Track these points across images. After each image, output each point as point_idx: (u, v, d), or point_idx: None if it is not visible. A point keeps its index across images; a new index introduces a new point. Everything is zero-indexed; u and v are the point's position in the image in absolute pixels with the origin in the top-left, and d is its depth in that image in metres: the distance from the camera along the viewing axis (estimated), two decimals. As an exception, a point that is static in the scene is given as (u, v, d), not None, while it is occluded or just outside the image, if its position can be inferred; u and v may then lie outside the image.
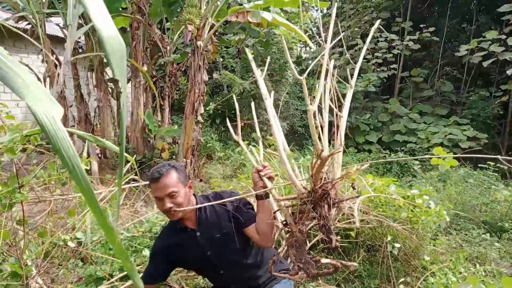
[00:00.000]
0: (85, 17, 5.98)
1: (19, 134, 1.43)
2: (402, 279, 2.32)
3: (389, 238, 2.50)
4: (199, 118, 6.15)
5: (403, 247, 2.69)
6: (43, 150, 2.07)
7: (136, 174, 3.08)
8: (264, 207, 1.57)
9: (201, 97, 6.23)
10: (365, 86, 10.07)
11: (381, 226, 2.77)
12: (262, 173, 1.50)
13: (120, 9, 6.60)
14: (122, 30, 7.01)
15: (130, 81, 6.32)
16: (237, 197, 1.67)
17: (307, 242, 1.24)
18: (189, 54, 6.84)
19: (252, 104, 1.60)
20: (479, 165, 5.55)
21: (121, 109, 0.69)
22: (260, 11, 6.60)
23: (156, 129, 6.15)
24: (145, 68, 6.28)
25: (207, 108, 8.03)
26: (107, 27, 0.71)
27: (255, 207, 1.70)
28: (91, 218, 2.58)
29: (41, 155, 2.51)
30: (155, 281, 1.80)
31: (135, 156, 5.65)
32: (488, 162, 5.08)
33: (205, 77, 6.44)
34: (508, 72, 8.51)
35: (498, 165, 5.18)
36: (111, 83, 7.31)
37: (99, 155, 6.40)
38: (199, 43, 6.11)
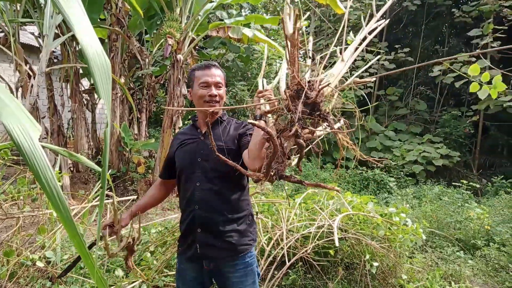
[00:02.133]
0: (61, 27, 5.85)
1: (-13, 149, 1.35)
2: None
3: (367, 256, 2.50)
4: (177, 131, 6.07)
5: (381, 265, 2.70)
6: (12, 164, 1.97)
7: (110, 189, 2.98)
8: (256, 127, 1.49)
9: (180, 111, 6.17)
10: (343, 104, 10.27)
11: (359, 244, 2.77)
12: (260, 95, 1.43)
13: (99, 20, 6.51)
14: (100, 42, 6.91)
15: (107, 93, 6.19)
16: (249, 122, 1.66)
17: (285, 156, 1.09)
18: (169, 67, 6.80)
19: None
20: (452, 183, 5.71)
21: (106, 129, 0.66)
22: (241, 27, 6.66)
23: (132, 142, 6.02)
24: (122, 80, 6.18)
25: (186, 122, 7.95)
26: (93, 47, 0.68)
27: None
28: (61, 235, 2.46)
29: (9, 168, 2.39)
30: (166, 175, 1.88)
31: (109, 170, 5.49)
32: (461, 180, 5.23)
33: (184, 90, 6.39)
34: (478, 93, 8.88)
35: (471, 183, 5.35)
36: (86, 94, 7.15)
37: (71, 169, 6.19)
38: (179, 56, 6.09)
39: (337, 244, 2.06)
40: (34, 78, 5.01)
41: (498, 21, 9.82)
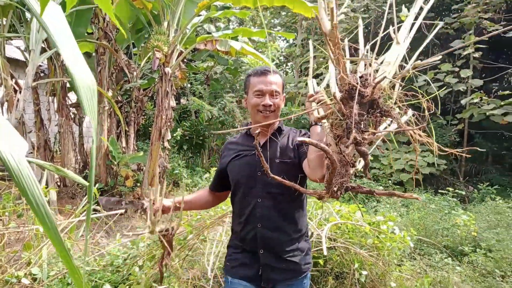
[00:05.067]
0: (48, 42, 5.84)
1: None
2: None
3: (356, 265, 2.52)
4: (166, 144, 6.06)
5: (370, 274, 2.72)
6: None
7: (97, 204, 2.95)
8: (314, 134, 1.36)
9: (168, 123, 6.17)
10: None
11: (348, 253, 2.79)
12: (311, 98, 1.31)
13: (86, 33, 6.51)
14: (87, 55, 6.90)
15: (95, 107, 6.16)
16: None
17: (349, 166, 0.95)
18: (157, 80, 6.80)
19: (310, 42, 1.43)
20: (439, 190, 5.78)
21: (92, 147, 0.67)
22: (229, 40, 6.74)
23: (120, 155, 5.98)
24: (110, 93, 6.17)
25: (174, 134, 7.94)
26: (78, 68, 0.71)
27: None
28: (48, 251, 2.42)
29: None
30: (217, 187, 1.81)
31: (97, 184, 5.43)
32: (447, 188, 5.31)
33: (173, 103, 6.41)
34: (462, 102, 9.11)
35: (457, 190, 5.43)
36: (74, 108, 7.09)
37: (58, 183, 6.10)
38: (167, 69, 6.11)
39: (325, 253, 2.07)
40: (20, 92, 4.97)
41: (478, 32, 10.13)
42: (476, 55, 10.13)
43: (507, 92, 8.38)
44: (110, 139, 6.06)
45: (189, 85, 11.11)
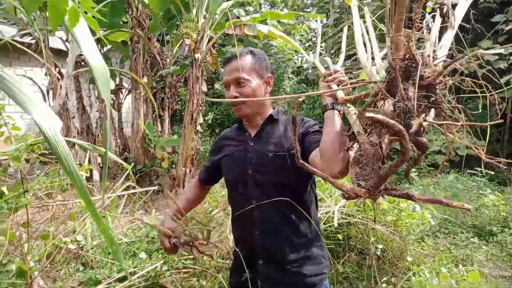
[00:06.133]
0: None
1: (23, 144, 1.59)
2: (384, 279, 2.44)
3: (372, 239, 2.62)
4: (198, 127, 6.32)
5: (389, 250, 2.81)
6: (46, 159, 2.23)
7: (133, 182, 3.21)
8: (330, 119, 1.11)
9: (200, 107, 6.41)
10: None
11: (366, 229, 2.89)
12: (330, 78, 1.13)
13: (121, 22, 6.83)
14: (123, 44, 7.23)
15: (131, 93, 6.51)
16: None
17: (381, 160, 0.81)
18: (188, 66, 7.04)
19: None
20: (467, 170, 5.65)
21: (105, 122, 0.84)
22: (257, 24, 6.82)
23: (156, 139, 6.32)
24: (145, 80, 6.47)
25: (206, 118, 8.20)
26: (95, 59, 0.87)
27: None
28: (91, 223, 2.72)
29: (43, 166, 2.66)
30: (207, 177, 1.64)
31: (133, 165, 5.81)
32: (476, 168, 5.19)
33: (204, 88, 6.62)
34: (502, 80, 8.67)
35: (486, 170, 5.27)
36: (113, 95, 7.51)
37: (101, 165, 6.56)
38: (197, 55, 6.31)
39: (335, 225, 2.19)
40: (63, 80, 5.37)
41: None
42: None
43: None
44: (147, 123, 6.41)
45: (222, 70, 11.31)
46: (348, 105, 1.00)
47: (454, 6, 0.94)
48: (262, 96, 1.40)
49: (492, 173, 5.32)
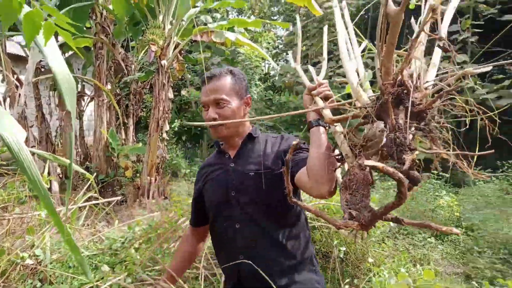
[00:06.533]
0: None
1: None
2: (347, 280, 2.52)
3: (335, 242, 2.70)
4: (164, 135, 6.25)
5: (352, 252, 2.90)
6: (3, 170, 2.15)
7: (95, 192, 3.14)
8: (316, 137, 1.07)
9: (166, 115, 6.35)
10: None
11: (333, 233, 2.98)
12: (314, 92, 1.09)
13: (85, 28, 6.66)
14: (86, 49, 7.05)
15: (93, 100, 6.34)
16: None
17: (370, 182, 0.80)
18: (154, 73, 6.97)
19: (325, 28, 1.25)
20: (425, 173, 5.93)
21: (70, 133, 0.84)
22: (224, 31, 6.86)
23: (120, 147, 6.19)
24: (108, 86, 6.33)
25: (173, 125, 8.12)
26: (61, 69, 0.87)
27: None
28: (50, 236, 2.62)
29: (0, 177, 2.55)
30: (198, 220, 1.54)
31: (95, 174, 5.64)
32: (432, 171, 5.45)
33: (170, 94, 6.57)
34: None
35: (441, 173, 5.56)
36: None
37: (60, 176, 6.33)
38: (163, 62, 6.26)
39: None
40: (21, 87, 5.16)
41: (474, 17, 10.14)
42: (472, 39, 10.18)
43: (501, 76, 8.46)
44: (110, 131, 6.26)
45: (189, 76, 11.24)
46: (335, 124, 0.96)
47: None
48: (241, 117, 1.37)
49: (447, 175, 5.64)
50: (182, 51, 8.16)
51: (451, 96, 0.77)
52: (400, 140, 0.71)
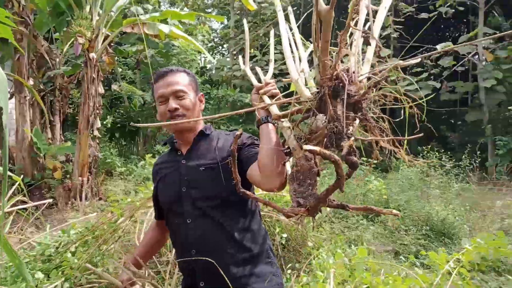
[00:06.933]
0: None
1: None
2: (289, 265, 2.64)
3: (277, 230, 2.81)
4: (96, 132, 5.93)
5: (293, 239, 3.03)
6: None
7: (24, 196, 2.91)
8: (265, 133, 1.13)
9: (97, 111, 6.02)
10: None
11: (275, 221, 3.08)
12: (262, 91, 1.15)
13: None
14: (3, 41, 6.40)
15: (14, 97, 5.79)
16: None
17: (317, 174, 0.85)
18: (82, 66, 6.55)
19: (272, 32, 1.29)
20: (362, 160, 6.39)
21: (3, 131, 0.79)
22: (157, 23, 6.65)
23: (46, 147, 5.74)
24: (31, 82, 5.84)
25: (105, 122, 7.72)
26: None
27: None
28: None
29: None
30: (160, 214, 1.54)
31: (22, 176, 5.20)
32: (362, 158, 5.87)
33: (101, 89, 6.25)
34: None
35: (369, 160, 6.02)
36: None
37: (-22, 180, 5.72)
38: (92, 55, 5.92)
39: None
40: None
41: (395, 14, 10.99)
42: (395, 35, 11.04)
43: (420, 69, 9.29)
44: (34, 130, 5.77)
45: (119, 70, 10.72)
46: (282, 120, 1.01)
47: (374, 13, 0.97)
48: (199, 111, 1.43)
49: (376, 161, 6.06)
50: (112, 44, 7.76)
51: (382, 86, 0.85)
52: (338, 129, 0.77)
